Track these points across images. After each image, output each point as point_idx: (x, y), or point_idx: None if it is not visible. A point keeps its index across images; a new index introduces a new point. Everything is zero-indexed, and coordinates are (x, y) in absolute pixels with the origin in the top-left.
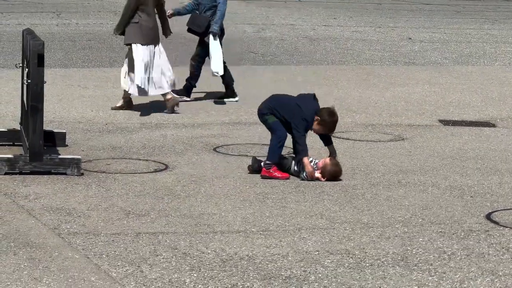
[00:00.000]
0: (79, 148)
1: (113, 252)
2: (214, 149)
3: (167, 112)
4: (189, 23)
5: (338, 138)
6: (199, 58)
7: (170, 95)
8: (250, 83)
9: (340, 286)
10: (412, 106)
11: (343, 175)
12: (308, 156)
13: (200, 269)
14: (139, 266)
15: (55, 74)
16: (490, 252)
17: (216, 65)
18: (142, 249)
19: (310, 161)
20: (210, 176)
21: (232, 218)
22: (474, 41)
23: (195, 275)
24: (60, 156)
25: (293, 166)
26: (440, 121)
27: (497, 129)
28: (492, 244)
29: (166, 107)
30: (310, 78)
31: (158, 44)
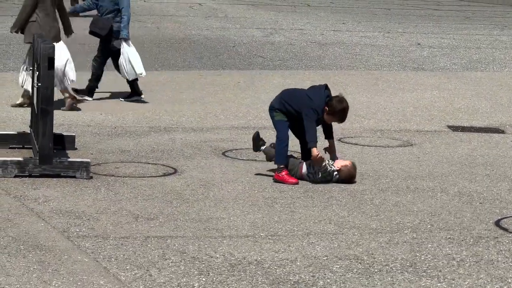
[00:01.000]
0: (88, 151)
1: (122, 256)
2: (223, 154)
3: (64, 109)
4: (91, 26)
5: (347, 143)
6: (101, 59)
7: (69, 94)
8: (259, 87)
9: None
10: (421, 112)
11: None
12: (317, 148)
13: (208, 273)
14: (148, 270)
15: None
16: (499, 259)
17: (138, 67)
18: (151, 253)
19: (326, 163)
20: (219, 181)
21: (240, 222)
22: (483, 47)
23: (203, 279)
24: (69, 159)
25: (305, 168)
26: (449, 127)
27: (506, 135)
28: (501, 251)
29: (64, 105)
30: (319, 83)
31: (58, 42)
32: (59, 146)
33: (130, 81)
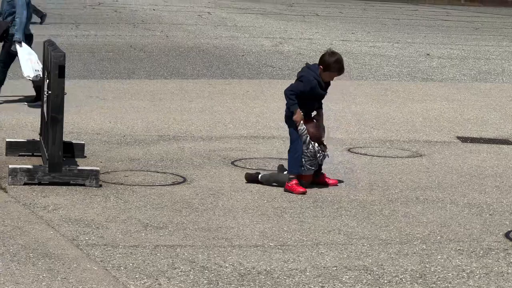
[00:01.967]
0: (98, 159)
1: (131, 265)
2: (232, 163)
3: None
4: None
5: (356, 153)
6: (2, 63)
7: None
8: (268, 97)
9: None
10: (430, 123)
11: (360, 191)
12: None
13: (218, 283)
14: (157, 279)
15: (74, 85)
16: (509, 271)
17: (26, 69)
18: (160, 261)
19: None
20: (228, 190)
21: (250, 232)
22: (492, 58)
23: None
24: (79, 167)
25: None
26: (458, 138)
27: None
28: (511, 263)
29: None
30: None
31: None
32: (69, 154)
33: (35, 84)
